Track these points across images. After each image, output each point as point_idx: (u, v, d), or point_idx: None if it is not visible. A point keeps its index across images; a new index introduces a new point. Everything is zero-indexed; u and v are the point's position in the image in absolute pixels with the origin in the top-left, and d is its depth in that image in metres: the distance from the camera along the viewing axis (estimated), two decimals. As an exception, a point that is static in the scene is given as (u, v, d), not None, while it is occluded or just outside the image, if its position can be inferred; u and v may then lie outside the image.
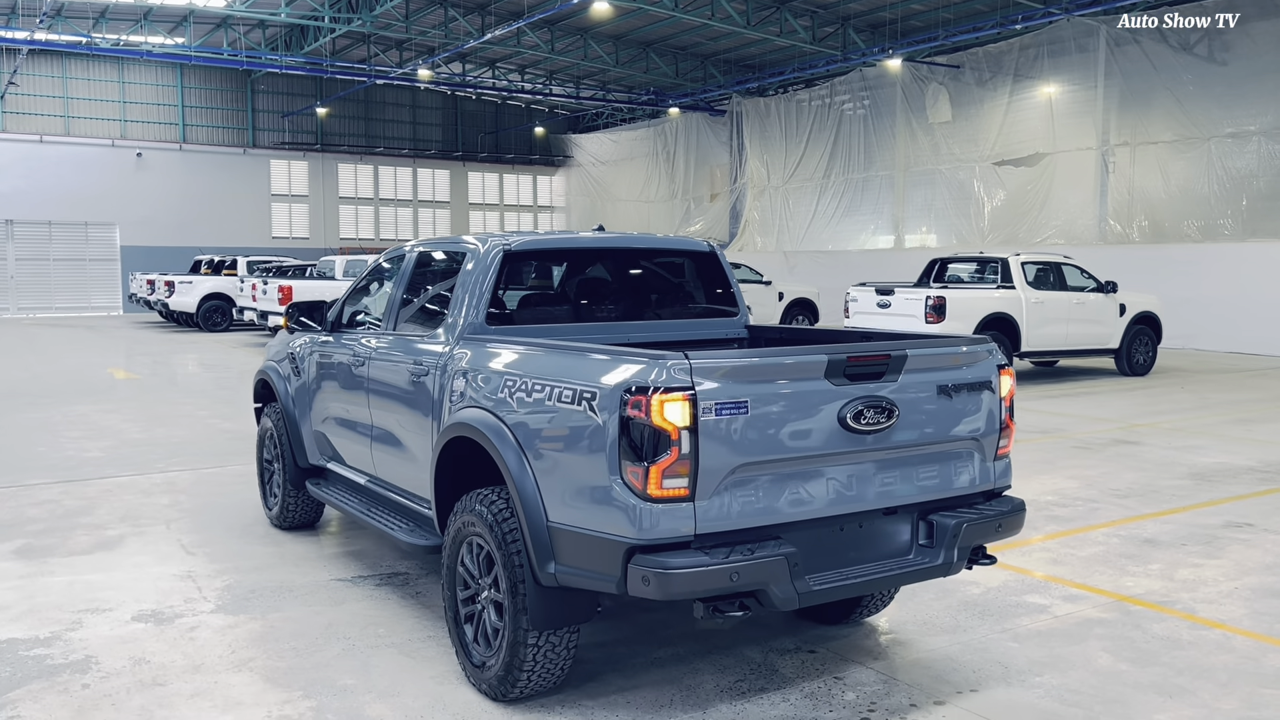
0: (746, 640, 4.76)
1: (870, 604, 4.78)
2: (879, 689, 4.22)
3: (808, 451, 3.58)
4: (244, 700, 4.08)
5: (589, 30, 30.27)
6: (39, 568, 5.85)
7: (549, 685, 4.01)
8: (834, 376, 3.62)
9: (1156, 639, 4.79)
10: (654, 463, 3.33)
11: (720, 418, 3.39)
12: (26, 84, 33.84)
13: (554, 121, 43.03)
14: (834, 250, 30.03)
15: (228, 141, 37.67)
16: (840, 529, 3.76)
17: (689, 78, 33.19)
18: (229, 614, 5.09)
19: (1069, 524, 6.91)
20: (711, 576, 3.33)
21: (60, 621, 4.96)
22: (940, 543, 3.86)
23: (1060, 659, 4.54)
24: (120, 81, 35.78)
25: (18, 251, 34.72)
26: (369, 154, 39.96)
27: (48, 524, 6.81)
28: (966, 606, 5.23)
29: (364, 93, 38.95)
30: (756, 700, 4.10)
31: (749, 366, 3.48)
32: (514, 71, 36.26)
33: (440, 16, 28.81)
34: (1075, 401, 13.24)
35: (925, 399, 3.84)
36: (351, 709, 4.01)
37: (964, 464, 4.01)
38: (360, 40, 33.19)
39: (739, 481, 3.47)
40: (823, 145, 30.58)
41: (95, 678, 4.30)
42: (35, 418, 11.53)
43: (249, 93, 37.83)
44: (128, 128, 35.99)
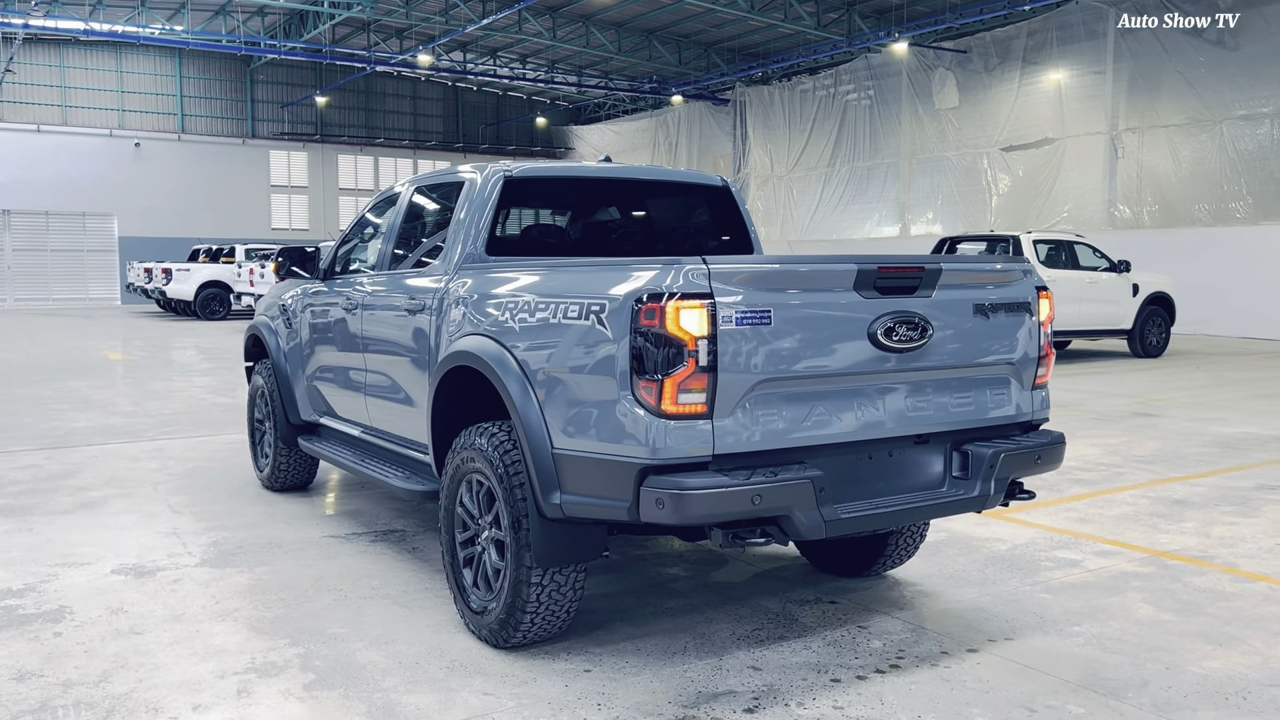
0: (762, 592, 4.48)
1: (894, 554, 4.49)
2: (907, 637, 3.93)
3: (836, 369, 3.29)
4: (226, 648, 3.80)
5: (591, 17, 29.97)
6: (16, 525, 5.57)
7: (553, 630, 3.72)
8: (864, 288, 3.33)
9: (1199, 591, 4.50)
10: (668, 376, 3.05)
11: (741, 328, 3.10)
12: (24, 73, 33.55)
13: (556, 112, 42.74)
14: (839, 239, 29.70)
15: (227, 132, 37.37)
16: (869, 457, 3.48)
17: (692, 66, 32.88)
18: (214, 568, 4.81)
19: (1094, 486, 6.63)
20: (732, 499, 3.04)
21: (35, 574, 4.68)
22: (976, 474, 3.58)
23: (1098, 609, 4.26)
24: (118, 71, 35.48)
25: (14, 242, 34.43)
26: (369, 145, 39.66)
27: (29, 486, 6.53)
28: (994, 561, 4.95)
29: (364, 83, 38.65)
30: (776, 648, 3.82)
31: (773, 273, 3.19)
32: (516, 61, 35.96)
33: (441, 3, 28.51)
34: (1090, 379, 12.95)
35: (960, 318, 3.55)
36: (341, 656, 3.73)
37: (1000, 391, 3.73)
38: (361, 28, 32.88)
39: (761, 399, 3.18)
40: (827, 133, 30.28)
41: (69, 626, 4.02)
42: (25, 393, 11.25)
43: (248, 82, 37.54)
44: (126, 117, 35.69)
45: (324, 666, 3.63)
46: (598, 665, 3.65)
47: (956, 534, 5.43)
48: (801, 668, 3.63)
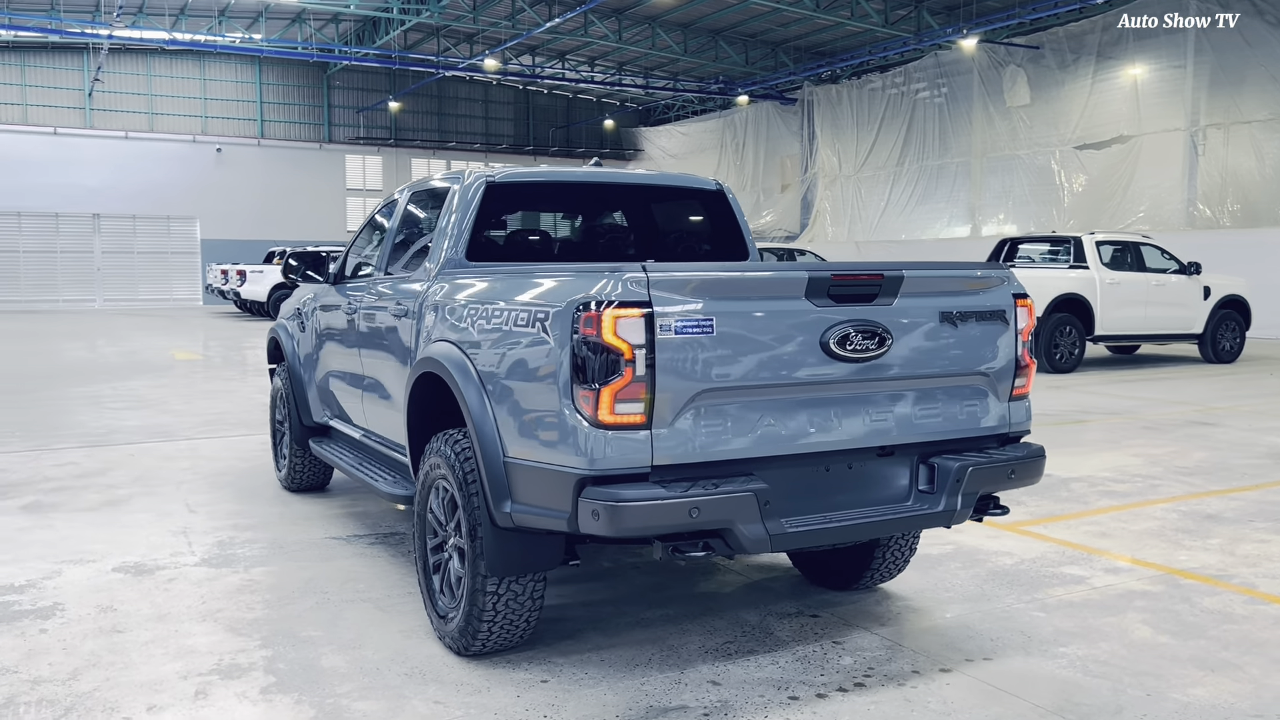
0: (745, 604, 4.39)
1: (881, 568, 4.36)
2: (881, 654, 3.82)
3: (784, 379, 3.21)
4: (198, 649, 3.86)
5: (657, 19, 29.97)
6: (38, 521, 5.75)
7: (512, 640, 3.70)
8: (816, 296, 3.24)
9: (1205, 612, 4.29)
10: (605, 385, 3.00)
11: (681, 337, 3.04)
12: (114, 82, 34.82)
13: (625, 114, 42.83)
14: (907, 240, 29.23)
15: (304, 137, 38.28)
16: (826, 469, 3.38)
17: (759, 66, 32.65)
18: (211, 567, 4.90)
19: (1124, 499, 6.37)
20: (668, 511, 2.98)
21: (40, 571, 4.82)
22: (942, 488, 3.45)
23: (1091, 630, 4.08)
24: (201, 79, 36.60)
25: (104, 245, 35.75)
26: (442, 148, 40.24)
27: (61, 483, 6.75)
28: (995, 576, 4.78)
29: (437, 88, 39.24)
30: (742, 662, 3.74)
31: (716, 281, 3.12)
32: (584, 64, 36.15)
33: (508, 8, 28.79)
34: (1151, 386, 12.50)
35: (925, 326, 3.43)
36: (306, 659, 3.76)
37: (972, 402, 3.59)
38: (431, 33, 33.37)
39: (703, 409, 3.11)
40: (896, 132, 29.81)
41: (56, 624, 4.12)
42: (86, 391, 11.64)
43: (325, 88, 38.41)
44: (208, 124, 36.81)
45: (287, 670, 3.67)
46: (556, 675, 3.62)
47: (963, 547, 5.27)
48: (762, 684, 3.55)
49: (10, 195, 33.99)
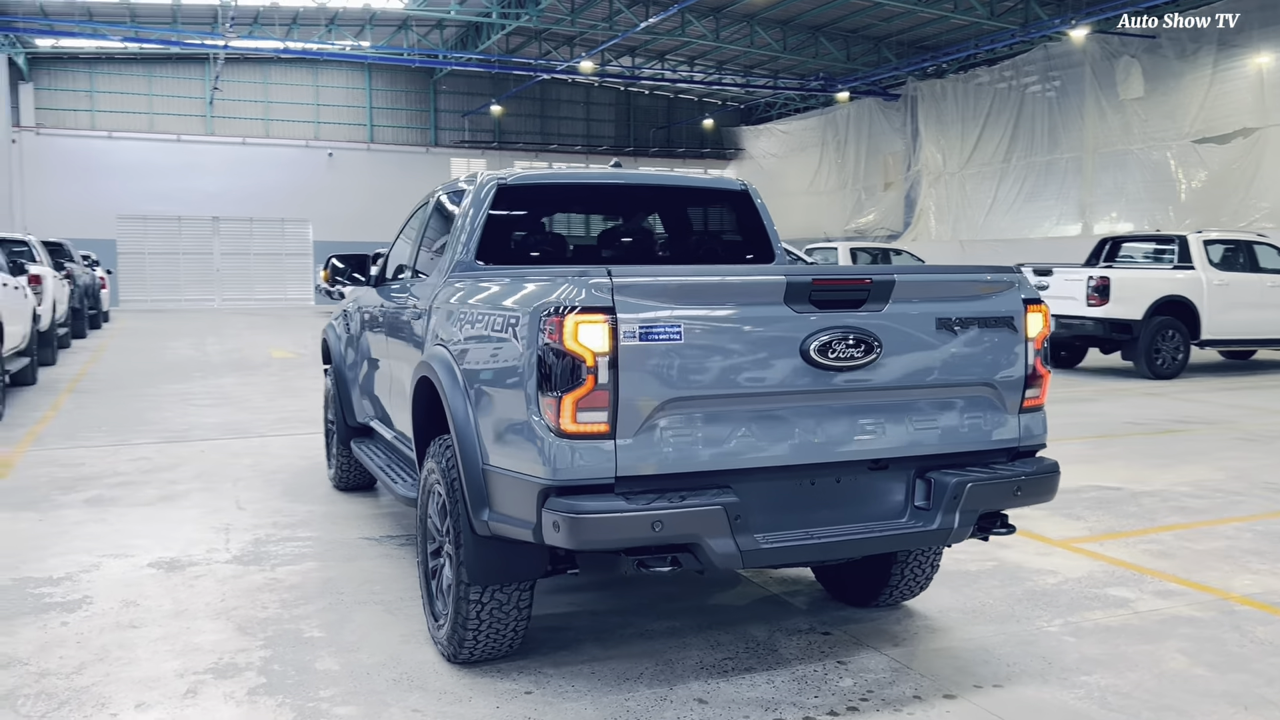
0: (757, 618, 4.25)
1: (900, 585, 4.16)
2: (884, 677, 3.64)
3: (760, 388, 3.07)
4: (202, 646, 3.93)
5: (755, 16, 29.67)
6: (95, 515, 5.96)
7: (500, 649, 3.65)
8: (796, 302, 3.09)
9: (1256, 643, 3.97)
10: (567, 393, 2.92)
11: (646, 344, 2.93)
12: (233, 90, 36.25)
13: (726, 114, 42.56)
14: (1014, 239, 28.22)
15: (411, 141, 39.19)
16: (811, 482, 3.23)
17: (861, 62, 32.03)
18: (240, 565, 4.99)
19: (1197, 516, 5.98)
20: (629, 524, 2.88)
21: (81, 564, 4.99)
22: (938, 505, 3.26)
23: (1122, 658, 3.82)
24: (314, 85, 37.82)
25: (222, 246, 37.27)
26: (543, 151, 40.68)
27: (128, 478, 7.00)
28: (1031, 596, 4.53)
29: (540, 90, 39.69)
30: (735, 680, 3.61)
31: (685, 286, 3.00)
32: (684, 64, 36.06)
33: (606, 10, 28.91)
34: (1260, 394, 11.77)
35: (920, 333, 3.24)
36: (301, 661, 3.79)
37: (976, 414, 3.39)
38: (532, 37, 33.77)
39: (672, 419, 3.00)
40: (1003, 128, 28.84)
41: (79, 617, 4.25)
42: (178, 388, 12.11)
43: (432, 93, 39.25)
44: (320, 129, 38.00)
45: (280, 671, 3.69)
46: (542, 687, 3.55)
47: (1006, 564, 5.01)
48: (751, 704, 3.42)
49: (137, 200, 35.71)
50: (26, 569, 4.91)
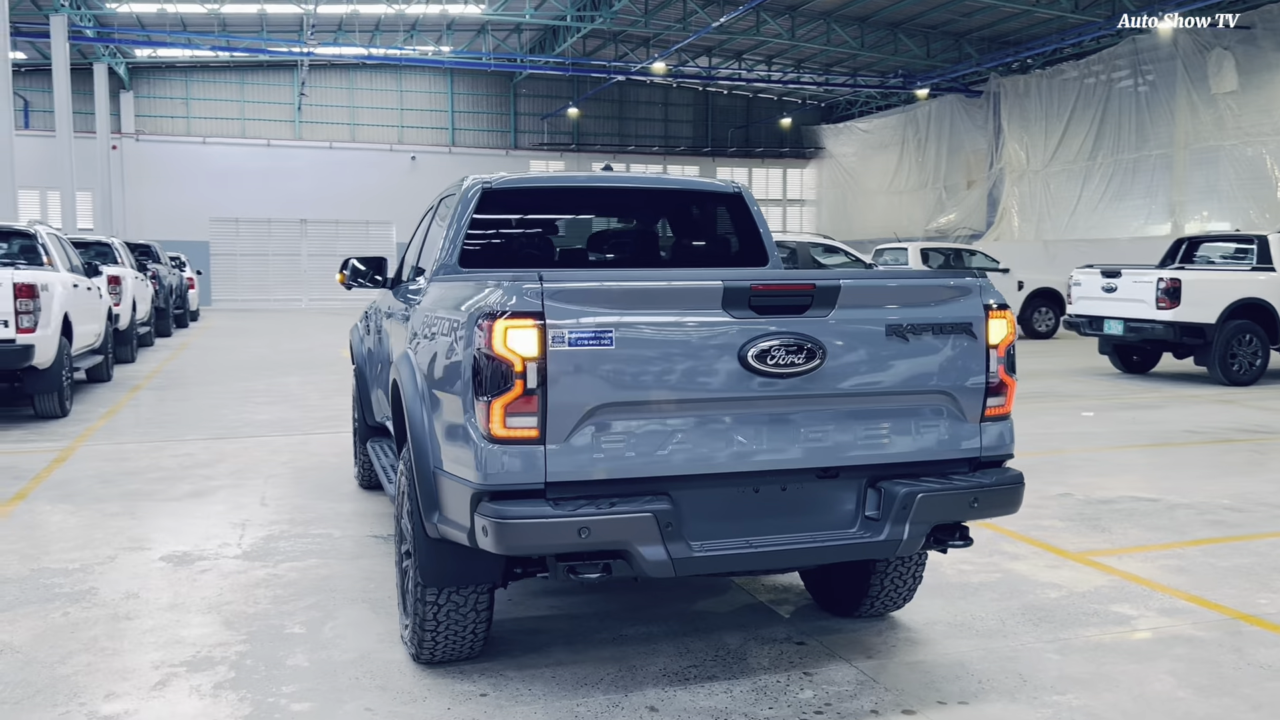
0: (735, 625, 4.20)
1: (881, 596, 4.06)
2: (846, 690, 3.56)
3: (696, 394, 3.03)
4: (185, 640, 4.04)
5: (831, 14, 29.33)
6: (126, 509, 6.18)
7: (461, 651, 3.67)
8: (735, 307, 3.05)
9: (1253, 666, 3.77)
10: (496, 398, 2.92)
11: (577, 349, 2.92)
12: (319, 96, 37.28)
13: (806, 112, 42.14)
14: (1100, 238, 27.33)
15: (491, 144, 39.75)
16: (755, 490, 3.18)
17: (942, 58, 31.38)
18: (247, 560, 5.12)
19: (1231, 530, 5.71)
20: (555, 531, 2.88)
21: (98, 556, 5.18)
22: (887, 515, 3.17)
23: (1104, 678, 3.67)
24: (398, 90, 38.63)
25: (310, 248, 38.32)
26: (621, 152, 40.83)
27: (168, 473, 7.24)
28: (1028, 610, 4.38)
29: (618, 92, 39.86)
30: (694, 688, 3.57)
31: (618, 291, 2.98)
32: (761, 63, 35.83)
33: (680, 10, 28.90)
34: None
35: (868, 340, 3.16)
36: (275, 656, 3.87)
37: (932, 423, 3.29)
38: (609, 39, 33.95)
39: (605, 425, 2.98)
40: (1088, 124, 27.95)
41: (80, 608, 4.41)
42: (241, 386, 12.48)
43: (511, 96, 39.74)
44: (404, 133, 38.81)
45: (251, 666, 3.78)
46: (499, 690, 3.57)
47: (1011, 575, 4.86)
48: (703, 713, 3.38)
49: (229, 203, 36.97)
50: (46, 560, 5.12)
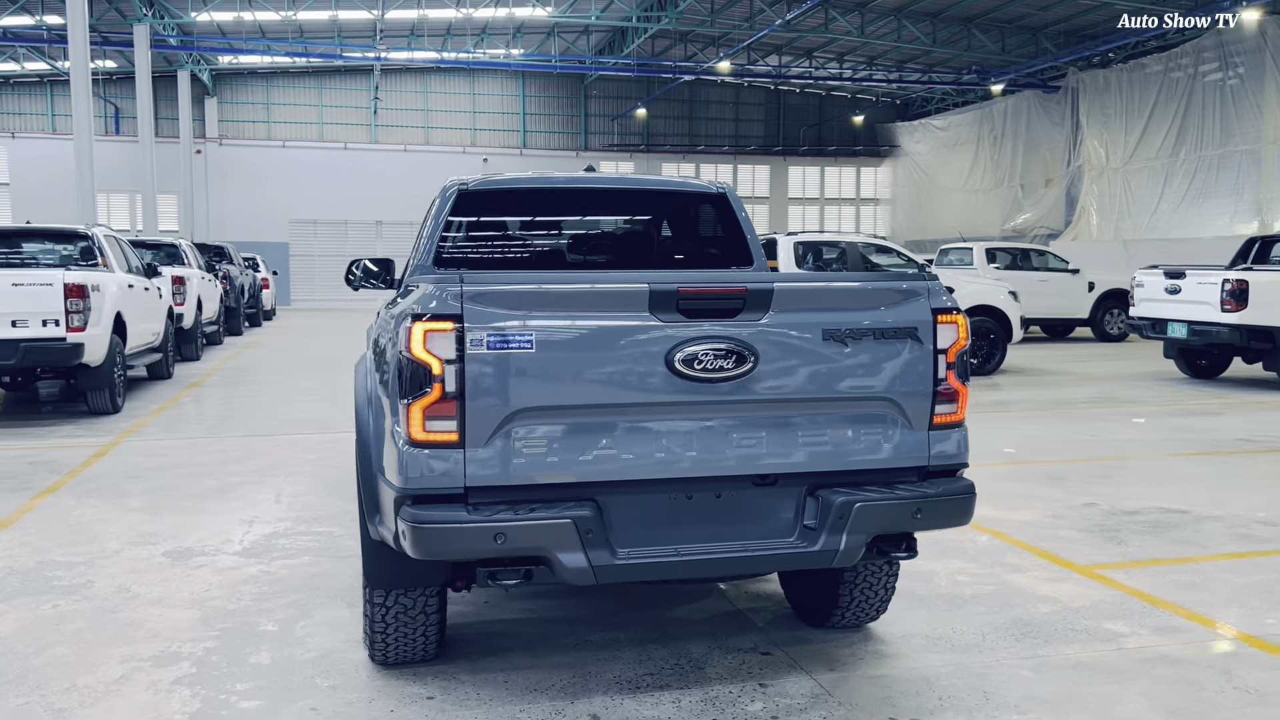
0: (704, 634, 4.13)
1: (851, 607, 3.95)
2: (798, 703, 3.47)
3: (621, 399, 2.98)
4: (160, 634, 4.12)
5: (902, 10, 28.82)
6: (148, 503, 6.35)
7: (413, 653, 3.67)
8: (662, 311, 2.98)
9: (1237, 690, 3.57)
10: (415, 401, 2.91)
11: (495, 352, 2.89)
12: (393, 100, 37.98)
13: (880, 110, 41.50)
14: (1182, 238, 26.37)
15: (562, 145, 40.02)
16: (689, 497, 3.11)
17: (1018, 53, 30.60)
18: (243, 557, 5.21)
19: (1259, 545, 5.44)
20: (470, 536, 2.85)
21: (104, 550, 5.32)
22: (823, 524, 3.08)
23: (1072, 698, 3.51)
24: (471, 93, 39.14)
25: (385, 249, 38.99)
26: (691, 152, 40.76)
27: (198, 469, 7.42)
28: (1014, 625, 4.22)
29: (689, 91, 39.78)
30: (642, 697, 3.52)
31: (539, 294, 2.94)
32: (832, 60, 35.40)
33: (747, 9, 28.71)
34: None
35: (805, 345, 3.07)
36: (239, 654, 3.92)
37: (875, 431, 3.17)
38: (678, 39, 33.91)
39: (526, 430, 2.95)
40: (1170, 119, 26.99)
41: (72, 600, 4.54)
42: (296, 384, 12.75)
43: (582, 98, 39.95)
44: (476, 135, 39.31)
45: (216, 662, 3.83)
46: (447, 694, 3.56)
47: (1008, 588, 4.69)
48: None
49: (308, 205, 37.89)
50: (56, 553, 5.27)
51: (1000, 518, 5.97)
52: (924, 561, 5.10)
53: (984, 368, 13.39)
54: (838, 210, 42.92)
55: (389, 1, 28.03)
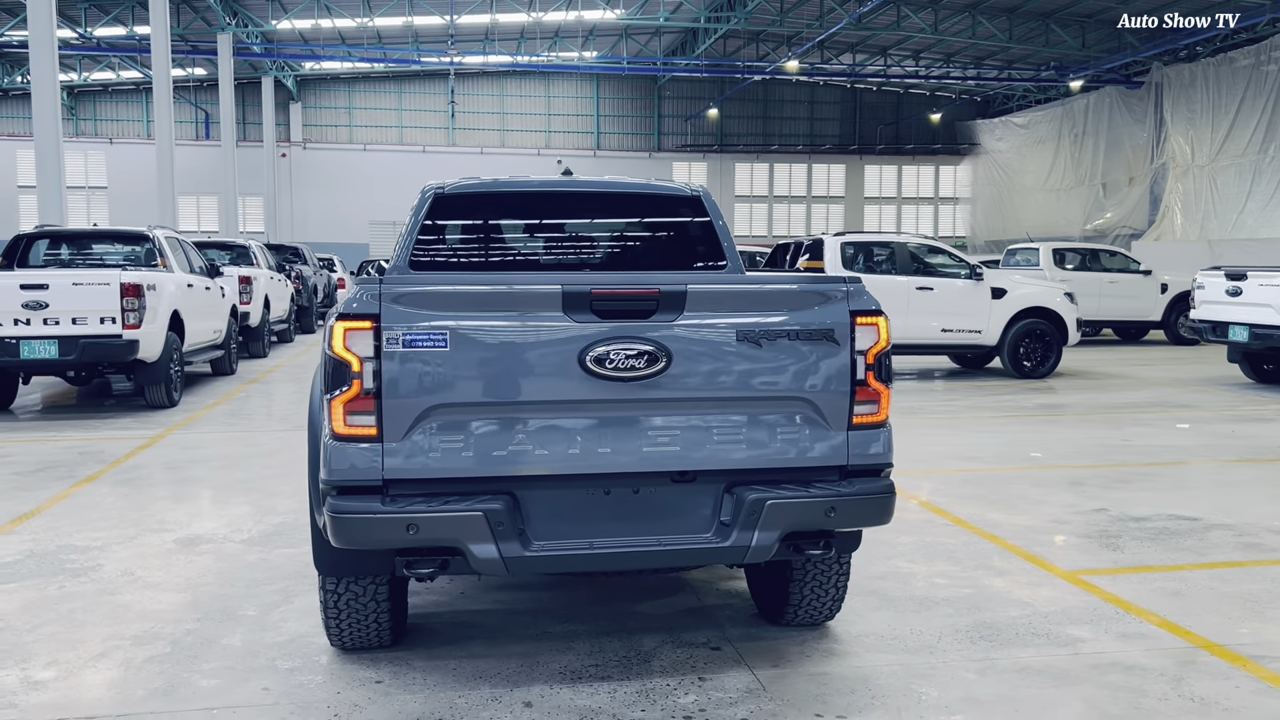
0: (662, 628, 4.20)
1: (803, 606, 3.98)
2: (730, 697, 3.53)
3: (535, 397, 3.08)
4: (147, 615, 4.35)
5: (977, 6, 28.33)
6: (174, 493, 6.67)
7: (369, 639, 3.82)
8: (576, 311, 3.08)
9: (1183, 699, 3.52)
10: (336, 396, 3.06)
11: (410, 350, 3.02)
12: (470, 103, 38.76)
13: (960, 107, 40.81)
14: (1270, 238, 25.40)
15: (635, 147, 40.29)
16: (606, 492, 3.19)
17: (1099, 48, 29.83)
18: (247, 545, 5.45)
19: (1263, 554, 5.29)
20: (384, 526, 2.99)
21: (121, 536, 5.62)
22: (736, 521, 3.14)
23: (1008, 701, 3.50)
24: (546, 96, 39.66)
25: (461, 250, 39.79)
26: (764, 152, 40.64)
27: (231, 462, 7.74)
28: (975, 628, 4.20)
29: (762, 91, 39.67)
30: (580, 687, 3.62)
31: (456, 295, 3.06)
32: (908, 58, 34.94)
33: (817, 7, 28.53)
34: None
35: (718, 345, 3.13)
36: (213, 636, 4.12)
37: (792, 430, 3.22)
38: (750, 39, 33.85)
39: (441, 425, 3.07)
40: (1259, 114, 26.01)
41: (78, 582, 4.81)
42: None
43: (655, 99, 40.14)
44: (551, 138, 39.82)
45: (188, 644, 4.04)
46: (396, 679, 3.70)
47: (983, 591, 4.67)
48: (572, 711, 3.42)
49: (387, 207, 38.80)
50: (76, 538, 5.59)
51: (1001, 521, 5.91)
52: (906, 563, 5.10)
53: (1037, 370, 13.13)
54: (915, 209, 42.33)
55: (461, 6, 28.57)
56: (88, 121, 37.76)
